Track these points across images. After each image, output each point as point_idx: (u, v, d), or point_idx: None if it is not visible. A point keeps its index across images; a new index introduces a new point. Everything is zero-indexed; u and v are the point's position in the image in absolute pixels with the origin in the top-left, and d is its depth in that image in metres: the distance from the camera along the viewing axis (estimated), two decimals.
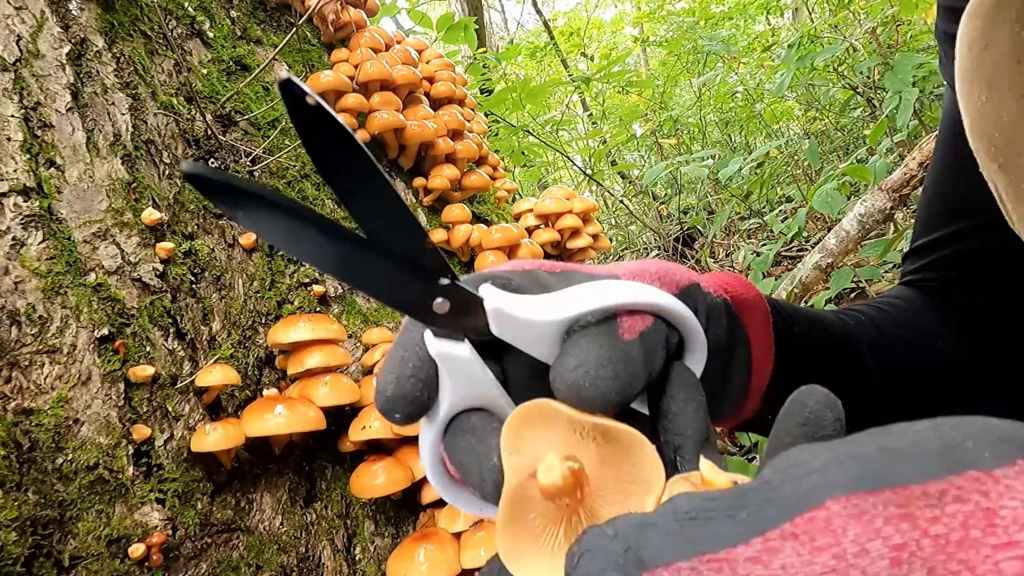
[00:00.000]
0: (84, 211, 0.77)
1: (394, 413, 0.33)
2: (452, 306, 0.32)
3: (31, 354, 0.70)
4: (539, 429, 0.31)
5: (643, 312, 0.34)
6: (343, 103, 1.06)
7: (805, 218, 2.53)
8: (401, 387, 0.33)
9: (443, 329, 0.33)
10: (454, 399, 0.34)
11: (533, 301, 0.34)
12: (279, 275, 0.94)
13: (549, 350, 0.33)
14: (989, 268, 0.63)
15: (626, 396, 0.31)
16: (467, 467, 0.33)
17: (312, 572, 0.83)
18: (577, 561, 0.24)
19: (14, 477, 0.65)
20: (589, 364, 0.31)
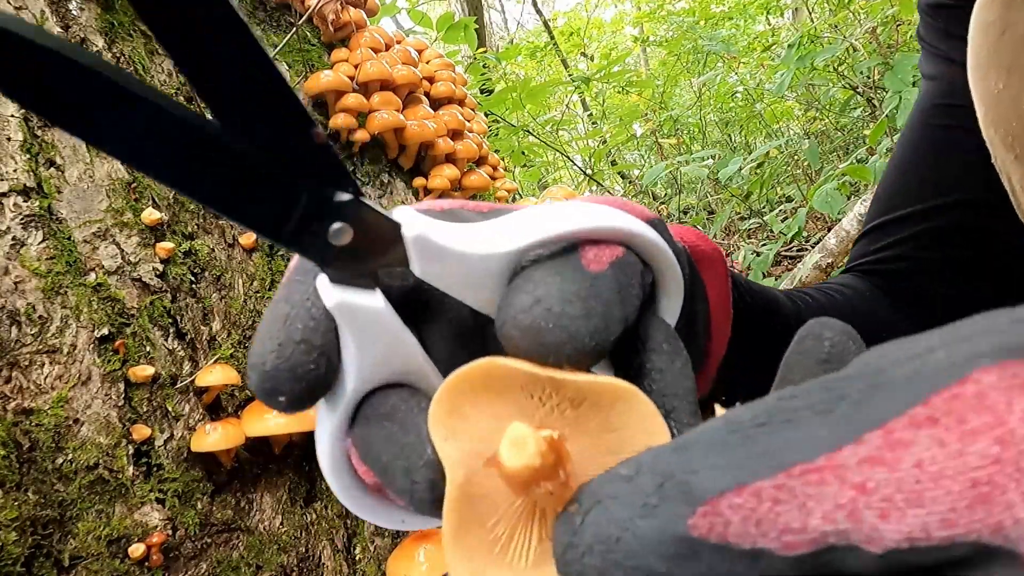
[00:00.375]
0: (84, 211, 0.77)
1: (277, 395, 0.24)
2: (356, 235, 0.22)
3: (31, 354, 0.70)
4: (483, 401, 0.23)
5: (610, 242, 0.25)
6: (343, 103, 1.06)
7: (805, 218, 2.53)
8: (286, 358, 0.23)
9: (344, 272, 0.23)
10: (363, 372, 0.24)
11: (468, 230, 0.24)
12: (279, 275, 0.94)
13: (490, 296, 0.24)
14: (956, 249, 0.60)
15: (602, 341, 0.23)
16: (388, 466, 0.24)
17: (312, 572, 0.83)
18: (582, 522, 0.17)
19: (14, 477, 0.65)
20: (551, 299, 0.22)
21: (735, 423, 0.17)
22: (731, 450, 0.17)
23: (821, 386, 0.17)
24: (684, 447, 0.17)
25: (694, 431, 0.18)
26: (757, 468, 0.16)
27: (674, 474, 0.17)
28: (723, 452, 0.17)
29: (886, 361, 0.17)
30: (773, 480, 0.16)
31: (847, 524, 0.15)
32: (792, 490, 0.16)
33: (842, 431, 0.16)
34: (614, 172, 5.07)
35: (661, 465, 0.17)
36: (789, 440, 0.16)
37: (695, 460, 0.17)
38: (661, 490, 0.17)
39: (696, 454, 0.17)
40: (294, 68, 1.12)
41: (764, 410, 0.17)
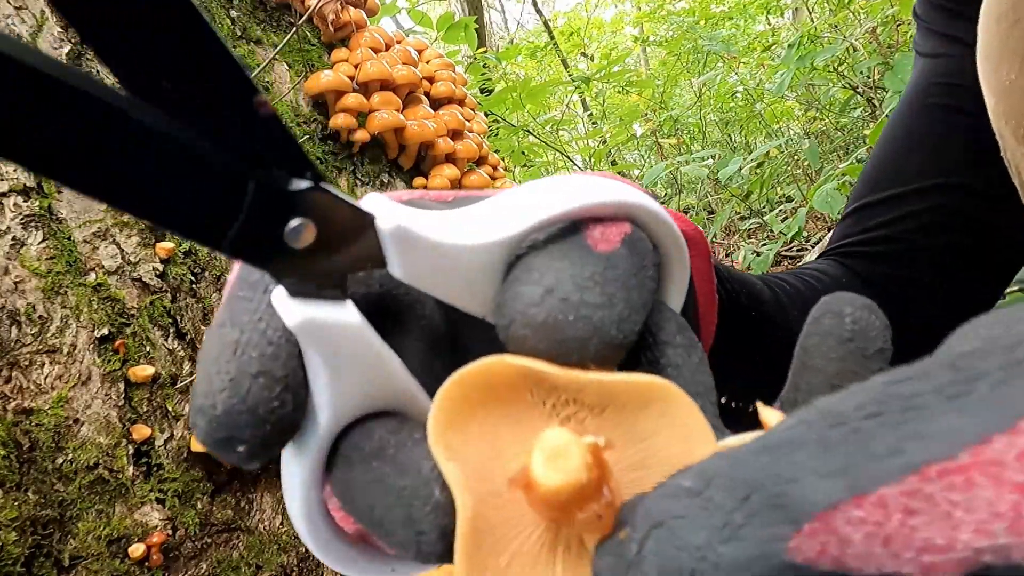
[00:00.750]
0: (84, 211, 0.77)
1: (234, 445, 0.18)
2: (319, 233, 0.17)
3: (31, 354, 0.70)
4: (487, 412, 0.19)
5: (615, 218, 0.21)
6: (343, 103, 1.06)
7: (805, 218, 2.53)
8: (242, 397, 0.18)
9: (306, 281, 0.18)
10: (338, 403, 0.19)
11: (453, 218, 0.20)
12: None
13: (482, 294, 0.20)
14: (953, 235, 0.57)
15: (629, 332, 0.19)
16: (384, 518, 0.19)
17: (312, 572, 0.83)
18: (639, 551, 0.14)
19: (14, 477, 0.65)
20: (565, 287, 0.19)
21: (835, 415, 0.14)
22: (838, 449, 0.13)
23: (943, 364, 0.14)
24: (769, 448, 0.14)
25: (777, 429, 0.14)
26: (879, 471, 0.12)
27: (763, 483, 0.13)
28: (827, 453, 0.13)
29: (1018, 331, 0.14)
30: (903, 485, 0.12)
31: (1008, 538, 0.12)
32: (930, 497, 0.12)
33: (989, 418, 0.12)
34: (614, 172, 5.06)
35: (742, 472, 0.13)
36: (917, 433, 0.13)
37: (790, 464, 0.13)
38: (747, 505, 0.13)
39: (790, 457, 0.13)
40: (294, 68, 1.12)
41: (872, 397, 0.14)
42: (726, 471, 0.14)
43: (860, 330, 0.20)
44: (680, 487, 0.14)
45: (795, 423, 0.14)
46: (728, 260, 3.38)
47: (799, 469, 0.13)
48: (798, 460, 0.13)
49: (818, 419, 0.14)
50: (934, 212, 0.57)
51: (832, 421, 0.13)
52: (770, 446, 0.14)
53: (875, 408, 0.13)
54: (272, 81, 1.07)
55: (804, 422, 0.14)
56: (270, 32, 1.12)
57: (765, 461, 0.13)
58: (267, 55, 1.08)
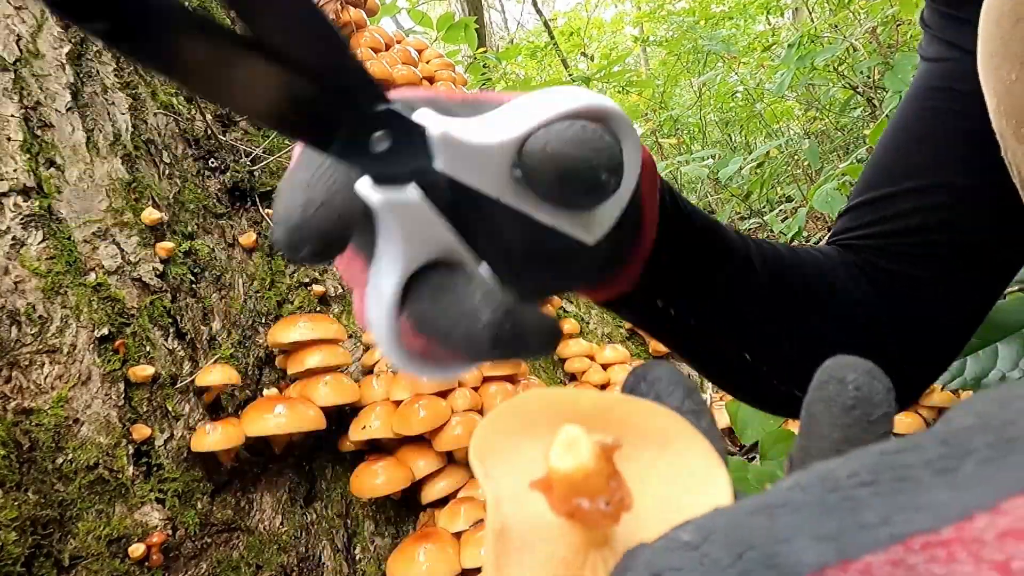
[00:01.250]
0: (84, 211, 0.77)
1: (302, 247, 0.25)
2: (392, 141, 0.25)
3: (31, 354, 0.70)
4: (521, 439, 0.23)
5: (594, 118, 0.28)
6: None
7: (805, 218, 2.53)
8: (312, 216, 0.25)
9: (383, 173, 0.26)
10: (408, 257, 0.27)
11: (481, 123, 0.28)
12: (279, 275, 0.94)
13: (501, 176, 0.28)
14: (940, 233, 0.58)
15: (618, 163, 0.27)
16: (449, 331, 0.27)
17: (312, 572, 0.83)
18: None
19: (14, 477, 0.65)
20: (566, 133, 0.26)
21: (831, 481, 0.14)
22: (831, 515, 0.13)
23: (935, 438, 0.14)
24: (766, 508, 0.14)
25: (775, 490, 0.15)
26: (867, 538, 0.13)
27: (758, 542, 0.13)
28: (821, 517, 0.13)
29: (1011, 411, 0.14)
30: (888, 554, 0.13)
31: None
32: (913, 568, 0.12)
33: (973, 496, 0.13)
34: None
35: (739, 531, 0.14)
36: (905, 505, 0.13)
37: (785, 526, 0.14)
38: (741, 562, 0.13)
39: (785, 518, 0.14)
40: None
41: (866, 465, 0.14)
42: (724, 527, 0.14)
43: (863, 397, 0.21)
44: (680, 540, 0.15)
45: (792, 486, 0.15)
46: None
47: (793, 531, 0.14)
48: (793, 523, 0.14)
49: (814, 484, 0.14)
50: (933, 211, 0.57)
51: (828, 487, 0.14)
52: (767, 507, 0.14)
53: (868, 477, 0.14)
54: None
55: (800, 486, 0.15)
56: None
57: (761, 521, 0.14)
58: None
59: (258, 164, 0.96)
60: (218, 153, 0.94)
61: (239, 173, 0.93)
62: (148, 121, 0.88)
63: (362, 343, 0.96)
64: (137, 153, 0.84)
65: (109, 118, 0.83)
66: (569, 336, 1.15)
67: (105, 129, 0.82)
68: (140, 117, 0.87)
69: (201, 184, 0.92)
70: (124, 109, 0.85)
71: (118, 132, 0.83)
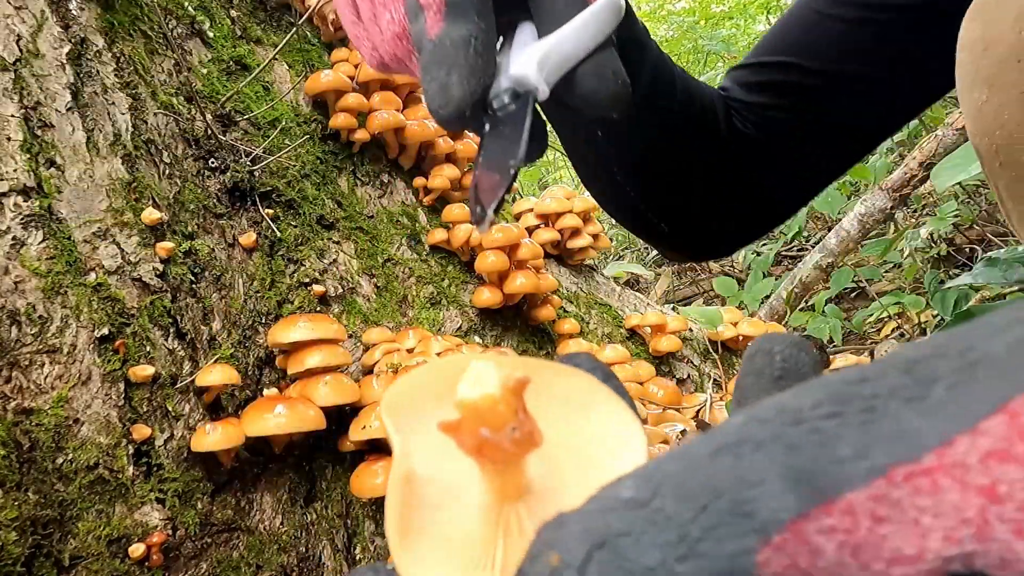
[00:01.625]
0: (84, 211, 0.77)
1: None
2: None
3: (31, 354, 0.70)
4: (431, 398, 0.22)
5: None
6: (343, 103, 1.06)
7: (805, 218, 2.53)
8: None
9: None
10: None
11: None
12: (279, 275, 0.94)
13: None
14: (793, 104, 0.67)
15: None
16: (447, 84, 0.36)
17: (312, 572, 0.83)
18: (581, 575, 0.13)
19: (14, 477, 0.65)
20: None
21: (792, 412, 0.13)
22: (801, 451, 0.12)
23: (896, 367, 0.13)
24: (725, 448, 0.12)
25: (726, 427, 0.13)
26: (846, 475, 0.12)
27: (723, 489, 0.12)
28: (788, 453, 0.12)
29: (967, 338, 0.13)
30: (870, 489, 0.12)
31: (974, 545, 0.11)
32: (898, 502, 0.11)
33: (949, 420, 0.12)
34: None
35: (697, 476, 0.12)
36: (879, 435, 0.12)
37: (750, 466, 0.12)
38: (705, 515, 0.12)
39: (749, 457, 0.12)
40: (294, 68, 1.12)
41: (829, 395, 0.13)
42: (676, 475, 0.12)
43: (790, 368, 0.21)
44: (620, 498, 0.12)
45: (747, 420, 0.13)
46: (728, 260, 3.37)
47: (762, 471, 0.12)
48: (760, 462, 0.12)
49: (772, 417, 0.13)
50: (792, 87, 0.68)
51: (789, 419, 0.13)
52: (726, 446, 0.12)
53: (833, 407, 0.13)
54: (272, 81, 1.07)
55: (757, 419, 0.13)
56: (270, 32, 1.12)
57: (724, 463, 0.12)
58: (267, 55, 1.08)
59: (258, 164, 0.96)
60: (218, 153, 0.94)
61: (239, 173, 0.93)
62: (148, 121, 0.88)
63: (362, 343, 0.96)
64: (137, 153, 0.84)
65: (109, 118, 0.83)
66: (569, 336, 1.15)
67: (105, 129, 0.82)
68: (140, 117, 0.87)
69: (201, 184, 0.92)
70: (124, 109, 0.85)
71: (118, 132, 0.83)
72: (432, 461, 0.21)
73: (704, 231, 0.73)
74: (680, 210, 0.70)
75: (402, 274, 1.07)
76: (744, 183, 0.69)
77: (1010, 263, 1.13)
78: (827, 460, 0.12)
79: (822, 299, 2.00)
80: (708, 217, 0.70)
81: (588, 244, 1.25)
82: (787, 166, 0.69)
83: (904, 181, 1.88)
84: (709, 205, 0.69)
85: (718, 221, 0.71)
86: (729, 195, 0.69)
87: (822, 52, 0.64)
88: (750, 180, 0.69)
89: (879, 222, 1.97)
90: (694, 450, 0.13)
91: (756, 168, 0.68)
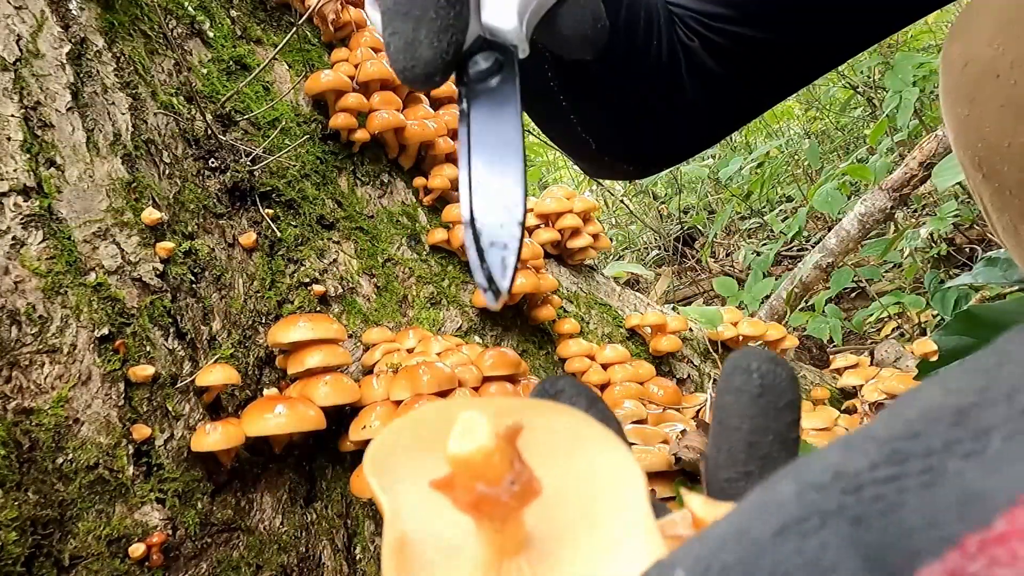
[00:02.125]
0: (84, 211, 0.77)
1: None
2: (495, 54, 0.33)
3: (31, 354, 0.70)
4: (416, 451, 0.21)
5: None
6: (343, 103, 1.06)
7: (805, 218, 2.53)
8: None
9: None
10: None
11: None
12: (279, 275, 0.94)
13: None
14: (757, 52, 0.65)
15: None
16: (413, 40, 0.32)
17: (312, 572, 0.83)
18: None
19: (14, 477, 0.65)
20: None
21: (851, 477, 0.12)
22: (866, 524, 0.11)
23: (944, 418, 0.13)
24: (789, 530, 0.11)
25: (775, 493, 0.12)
26: (915, 548, 0.11)
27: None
28: (856, 529, 0.11)
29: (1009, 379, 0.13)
30: (944, 564, 0.11)
31: None
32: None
33: (1012, 477, 0.11)
34: None
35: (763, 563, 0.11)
36: (944, 499, 0.11)
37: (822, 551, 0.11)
38: None
39: (817, 539, 0.11)
40: (294, 68, 1.12)
41: (884, 455, 0.12)
42: (739, 562, 0.11)
43: (768, 385, 0.21)
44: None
45: (801, 488, 0.12)
46: (729, 260, 3.37)
47: (834, 556, 0.11)
48: (829, 543, 0.11)
49: (830, 482, 0.12)
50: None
51: (849, 485, 0.12)
52: (788, 525, 0.11)
53: (892, 470, 0.12)
54: (272, 81, 1.07)
55: (813, 487, 0.12)
56: (270, 32, 1.12)
57: (790, 547, 0.11)
58: (267, 55, 1.08)
59: (258, 164, 0.96)
60: (218, 153, 0.94)
61: (239, 173, 0.93)
62: (148, 121, 0.88)
63: (362, 343, 0.96)
64: (137, 153, 0.84)
65: (109, 118, 0.83)
66: (569, 336, 1.15)
67: (105, 129, 0.82)
68: (140, 117, 0.87)
69: (201, 184, 0.92)
70: (124, 109, 0.85)
71: (118, 132, 0.83)
72: (425, 520, 0.19)
73: (634, 146, 0.70)
74: (609, 125, 0.66)
75: (402, 274, 1.07)
76: (677, 97, 0.65)
77: (1010, 263, 1.14)
78: (896, 533, 0.11)
79: (822, 299, 2.00)
80: (639, 131, 0.68)
81: (588, 244, 1.25)
82: (730, 83, 0.66)
83: (904, 181, 1.88)
84: (640, 118, 0.66)
85: (650, 136, 0.69)
86: (657, 110, 0.66)
87: None
88: (682, 94, 0.65)
89: (879, 222, 1.97)
90: (753, 532, 0.11)
91: (694, 81, 0.65)
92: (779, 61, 0.65)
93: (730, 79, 0.65)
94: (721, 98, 0.67)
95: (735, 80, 0.66)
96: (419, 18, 0.29)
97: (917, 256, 2.18)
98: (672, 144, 0.71)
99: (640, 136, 0.68)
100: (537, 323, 1.15)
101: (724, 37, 0.64)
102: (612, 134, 0.67)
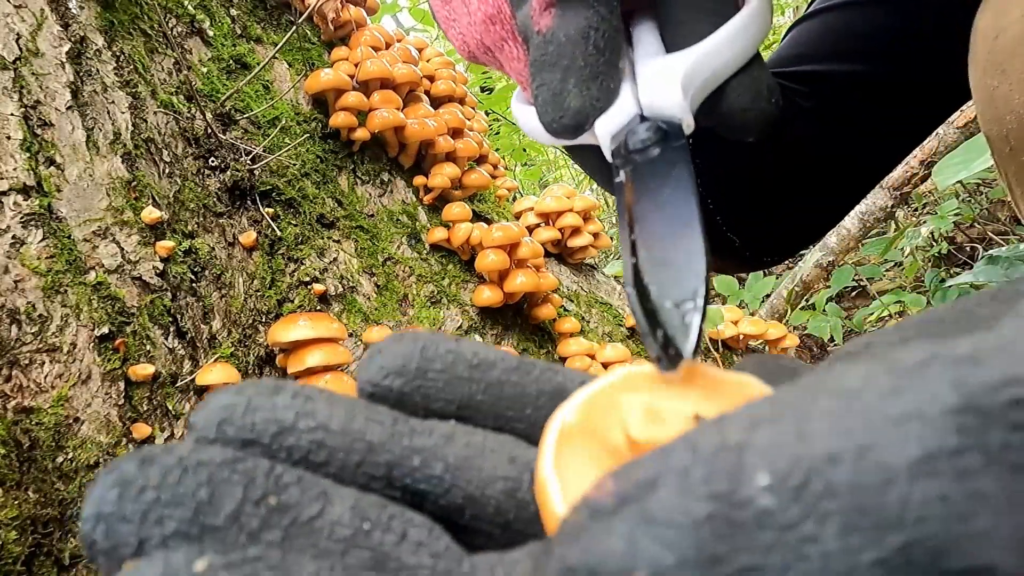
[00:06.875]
0: (84, 209, 0.77)
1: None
2: None
3: (31, 353, 0.69)
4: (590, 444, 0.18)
5: None
6: (343, 101, 1.06)
7: None
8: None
9: None
10: None
11: None
12: (279, 274, 0.94)
13: None
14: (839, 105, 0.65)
15: None
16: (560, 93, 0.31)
17: None
18: None
19: (14, 476, 0.65)
20: None
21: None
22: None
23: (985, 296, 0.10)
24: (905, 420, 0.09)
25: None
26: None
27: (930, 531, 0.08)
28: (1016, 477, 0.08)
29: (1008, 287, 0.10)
30: None
31: None
32: None
33: None
34: None
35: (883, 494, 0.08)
36: None
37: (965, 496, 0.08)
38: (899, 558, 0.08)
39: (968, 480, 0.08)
40: (294, 67, 1.11)
41: None
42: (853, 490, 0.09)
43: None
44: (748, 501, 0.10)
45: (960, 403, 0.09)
46: None
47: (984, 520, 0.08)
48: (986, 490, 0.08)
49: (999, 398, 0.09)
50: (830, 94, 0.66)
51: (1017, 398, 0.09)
52: (933, 457, 0.08)
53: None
54: (272, 79, 1.07)
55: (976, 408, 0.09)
56: (270, 31, 1.12)
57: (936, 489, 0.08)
58: (267, 53, 1.08)
59: (258, 163, 0.96)
60: (218, 152, 0.94)
61: (239, 172, 0.93)
62: (148, 120, 0.88)
63: (362, 342, 0.96)
64: (137, 152, 0.84)
65: (109, 117, 0.83)
66: (570, 335, 1.15)
67: (105, 128, 0.82)
68: (140, 116, 0.86)
69: (201, 183, 0.92)
70: (124, 108, 0.85)
71: (118, 131, 0.83)
72: None
73: (773, 233, 0.70)
74: (752, 216, 0.66)
75: (402, 273, 1.07)
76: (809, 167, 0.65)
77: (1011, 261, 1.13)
78: None
79: (823, 297, 2.00)
80: (779, 216, 0.67)
81: (588, 243, 1.25)
82: (854, 136, 0.65)
83: (905, 179, 1.88)
84: (778, 202, 0.66)
85: (788, 220, 0.69)
86: (795, 187, 0.65)
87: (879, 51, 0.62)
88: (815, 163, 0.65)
89: (880, 220, 1.97)
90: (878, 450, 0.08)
91: (820, 146, 0.64)
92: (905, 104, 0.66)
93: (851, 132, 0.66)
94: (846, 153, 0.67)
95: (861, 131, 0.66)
96: (567, 67, 0.28)
97: (918, 255, 2.18)
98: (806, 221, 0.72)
99: (790, 221, 0.69)
100: (537, 322, 1.15)
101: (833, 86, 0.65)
102: (761, 228, 0.67)
